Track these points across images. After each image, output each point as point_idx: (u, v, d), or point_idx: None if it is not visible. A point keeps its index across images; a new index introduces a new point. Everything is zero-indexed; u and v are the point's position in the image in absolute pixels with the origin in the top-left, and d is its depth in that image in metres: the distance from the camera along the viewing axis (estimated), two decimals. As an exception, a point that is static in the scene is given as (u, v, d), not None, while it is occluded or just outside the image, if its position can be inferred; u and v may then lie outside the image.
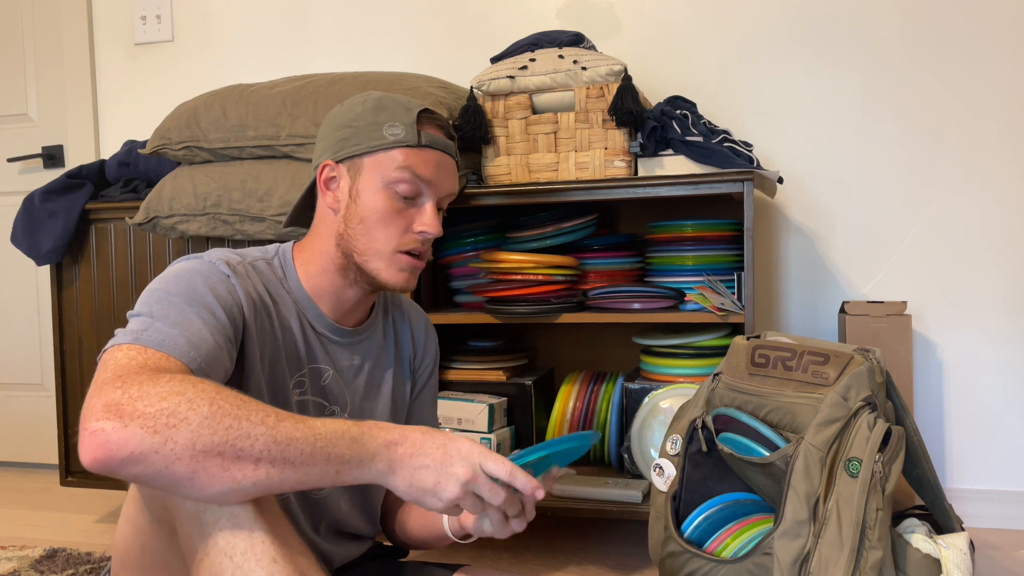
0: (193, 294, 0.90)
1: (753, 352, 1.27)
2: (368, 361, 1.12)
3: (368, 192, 1.01)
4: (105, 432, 0.71)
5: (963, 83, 1.91)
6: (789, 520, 1.09)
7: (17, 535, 1.98)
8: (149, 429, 0.71)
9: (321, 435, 0.78)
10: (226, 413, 0.74)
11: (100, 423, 0.71)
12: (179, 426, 0.72)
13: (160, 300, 0.88)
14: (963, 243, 1.92)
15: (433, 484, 0.81)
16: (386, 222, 1.01)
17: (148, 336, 0.83)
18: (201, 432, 0.72)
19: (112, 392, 0.73)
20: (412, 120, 1.02)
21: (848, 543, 1.05)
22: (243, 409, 0.75)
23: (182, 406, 0.73)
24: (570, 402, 1.82)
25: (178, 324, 0.85)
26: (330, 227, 1.04)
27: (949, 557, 1.11)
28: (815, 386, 1.17)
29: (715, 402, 1.30)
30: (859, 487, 1.07)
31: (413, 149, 1.02)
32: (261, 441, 0.75)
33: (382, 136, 1.01)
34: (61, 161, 2.54)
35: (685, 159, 1.66)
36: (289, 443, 0.76)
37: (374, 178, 1.01)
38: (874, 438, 1.10)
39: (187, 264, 0.95)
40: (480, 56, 2.16)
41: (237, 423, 0.74)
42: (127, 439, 0.71)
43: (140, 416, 0.72)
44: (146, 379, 0.75)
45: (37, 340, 2.59)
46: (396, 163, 1.01)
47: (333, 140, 1.04)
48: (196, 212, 1.80)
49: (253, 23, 2.39)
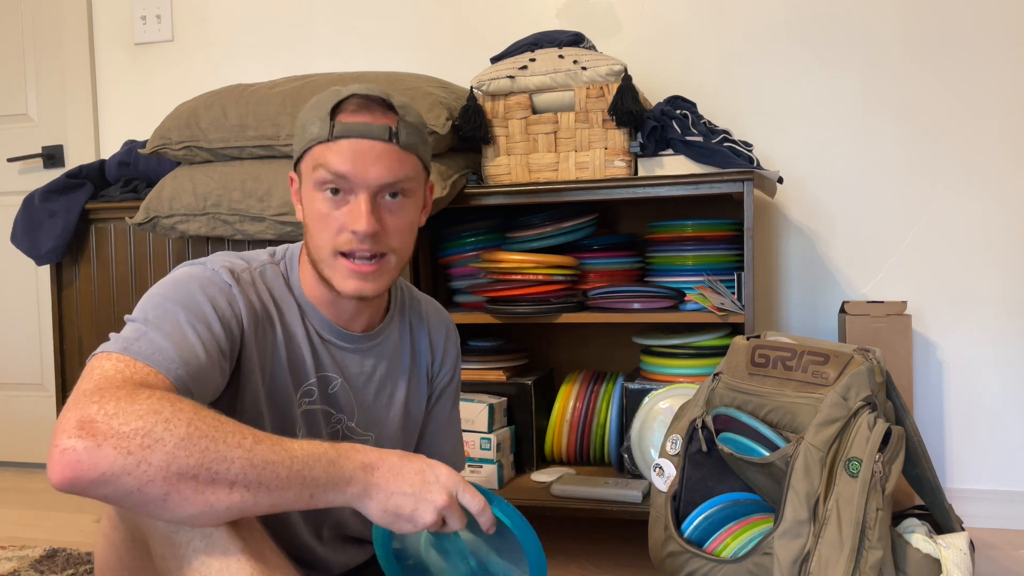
0: (190, 304, 0.88)
1: (753, 352, 1.27)
2: (380, 368, 1.07)
3: (307, 195, 0.98)
4: (76, 451, 0.68)
5: (963, 83, 1.91)
6: (789, 520, 1.09)
7: (17, 535, 1.98)
8: (122, 450, 0.69)
9: (298, 458, 0.76)
10: (203, 435, 0.72)
11: (71, 441, 0.68)
12: (154, 447, 0.70)
13: (157, 307, 0.87)
14: (963, 243, 1.92)
15: (411, 511, 0.81)
16: (320, 224, 0.96)
17: (138, 347, 0.81)
18: (177, 454, 0.70)
19: (88, 407, 0.71)
20: (326, 113, 0.95)
21: (848, 543, 1.05)
22: (220, 431, 0.73)
23: (158, 426, 0.71)
24: (570, 402, 1.82)
25: (171, 336, 0.84)
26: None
27: (949, 557, 1.11)
28: (815, 386, 1.17)
29: (715, 402, 1.30)
30: (859, 487, 1.07)
31: (325, 144, 0.95)
32: (237, 464, 0.73)
33: (303, 137, 0.97)
34: (61, 161, 2.54)
35: (685, 159, 1.66)
36: (265, 466, 0.74)
37: (308, 181, 0.97)
38: (874, 438, 1.10)
39: (189, 270, 0.93)
40: (480, 56, 2.16)
41: (214, 445, 0.72)
42: (98, 460, 0.68)
43: (114, 436, 0.69)
44: (124, 395, 0.73)
45: (37, 340, 2.59)
46: (313, 162, 0.96)
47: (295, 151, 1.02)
48: (196, 212, 1.80)
49: (253, 23, 2.39)
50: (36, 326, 2.59)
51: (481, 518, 0.84)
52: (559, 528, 1.90)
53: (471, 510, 0.83)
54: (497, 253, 1.75)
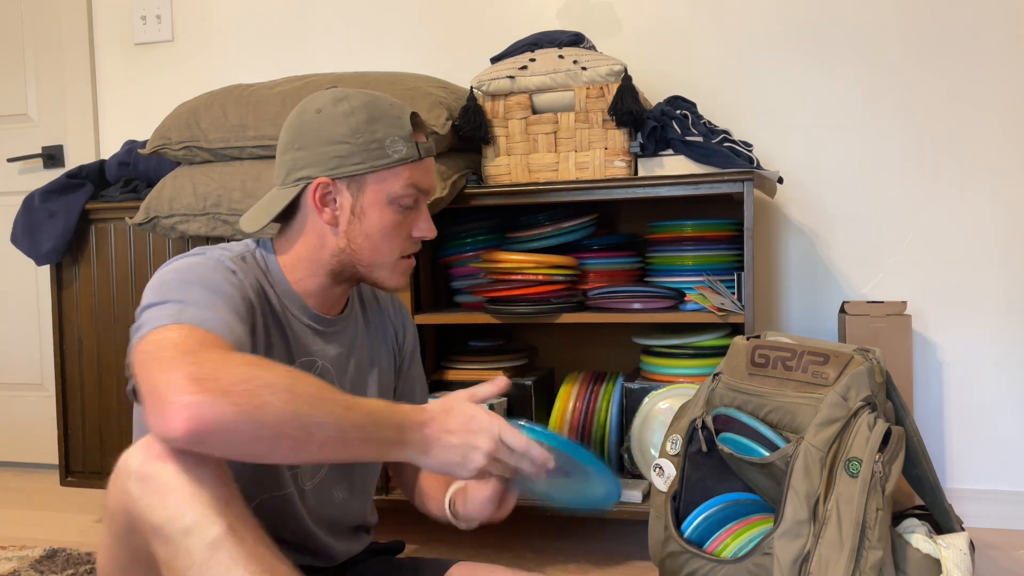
0: (210, 283, 0.91)
1: (753, 352, 1.27)
2: (355, 347, 1.13)
3: (374, 210, 1.02)
4: (199, 405, 0.74)
5: (963, 83, 1.91)
6: (789, 520, 1.09)
7: (17, 535, 1.98)
8: (238, 407, 0.75)
9: (374, 422, 0.83)
10: (303, 400, 0.78)
11: (193, 396, 0.74)
12: (264, 407, 0.76)
13: (181, 288, 0.88)
14: (963, 243, 1.92)
15: (461, 458, 0.87)
16: (391, 236, 1.03)
17: (189, 316, 0.84)
18: (283, 417, 0.77)
19: (190, 367, 0.75)
20: (409, 132, 1.02)
21: (848, 543, 1.05)
22: (317, 397, 0.80)
23: (263, 390, 0.76)
24: (570, 402, 1.82)
25: (209, 308, 0.86)
26: (324, 240, 1.03)
27: (949, 557, 1.11)
28: (815, 386, 1.17)
29: (715, 402, 1.30)
30: (859, 487, 1.07)
31: (415, 163, 1.03)
32: (330, 428, 0.79)
33: (386, 155, 1.01)
34: (61, 161, 2.54)
35: (685, 159, 1.66)
36: (351, 430, 0.81)
37: (379, 196, 1.02)
38: (874, 438, 1.10)
39: (194, 259, 0.95)
40: (480, 56, 2.16)
41: (311, 411, 0.78)
42: (220, 414, 0.74)
43: (229, 394, 0.75)
44: (218, 357, 0.78)
45: (37, 340, 2.59)
46: (402, 181, 1.02)
47: (325, 156, 1.01)
48: (196, 212, 1.80)
49: (253, 23, 2.39)
50: (36, 326, 2.59)
51: (530, 453, 0.89)
52: (559, 528, 1.90)
53: (516, 448, 0.89)
54: (497, 253, 1.75)
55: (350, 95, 1.02)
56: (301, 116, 1.03)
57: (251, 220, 1.05)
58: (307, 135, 1.02)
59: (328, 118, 1.01)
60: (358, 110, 1.01)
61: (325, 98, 1.03)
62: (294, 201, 1.04)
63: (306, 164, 1.02)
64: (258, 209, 1.07)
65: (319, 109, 1.02)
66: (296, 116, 1.04)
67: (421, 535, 1.86)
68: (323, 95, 1.04)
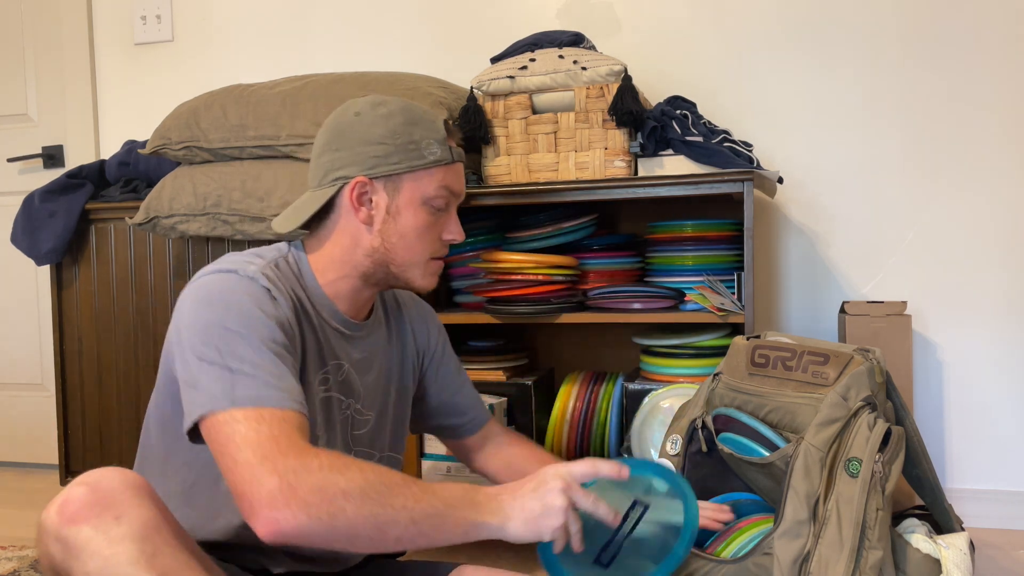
0: (252, 324, 0.91)
1: (753, 352, 1.27)
2: (378, 352, 1.15)
3: (408, 210, 1.05)
4: (281, 521, 0.80)
5: (963, 83, 1.91)
6: (789, 520, 1.09)
7: (17, 535, 1.98)
8: (316, 519, 0.80)
9: (448, 504, 0.87)
10: (375, 502, 0.83)
11: (275, 512, 0.80)
12: (339, 515, 0.81)
13: (225, 341, 0.89)
14: (963, 243, 1.92)
15: (540, 518, 0.89)
16: (424, 236, 1.06)
17: (246, 395, 0.86)
18: (356, 522, 0.82)
19: (270, 478, 0.81)
20: (444, 136, 1.06)
21: (848, 543, 1.05)
22: (388, 496, 0.84)
23: (338, 498, 0.81)
24: (570, 402, 1.82)
25: (259, 368, 0.88)
26: (358, 240, 1.06)
27: (949, 557, 1.11)
28: (815, 386, 1.17)
29: (715, 402, 1.30)
30: (859, 487, 1.07)
31: (449, 166, 1.07)
32: (402, 525, 0.84)
33: (422, 155, 1.04)
34: (61, 161, 2.54)
35: (685, 159, 1.66)
36: (424, 520, 0.85)
37: (414, 196, 1.05)
38: (874, 438, 1.10)
39: (226, 283, 0.95)
40: (480, 56, 2.16)
41: (383, 511, 0.83)
42: (300, 526, 0.80)
43: (307, 506, 0.80)
44: (296, 465, 0.82)
45: (37, 340, 2.59)
46: (436, 182, 1.05)
47: (363, 156, 1.03)
48: (196, 212, 1.80)
49: (253, 23, 2.39)
50: (36, 326, 2.59)
51: (598, 513, 0.93)
52: (559, 528, 1.90)
53: (585, 509, 0.93)
54: (497, 253, 1.75)
55: (387, 100, 1.06)
56: (339, 119, 1.06)
57: (284, 221, 1.07)
58: (346, 136, 1.04)
59: (367, 120, 1.04)
60: (396, 113, 1.04)
61: (363, 102, 1.06)
62: (329, 202, 1.06)
63: (344, 164, 1.04)
64: (292, 210, 1.09)
65: (358, 112, 1.05)
66: (334, 119, 1.07)
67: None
68: (361, 100, 1.07)
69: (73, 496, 0.83)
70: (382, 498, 0.84)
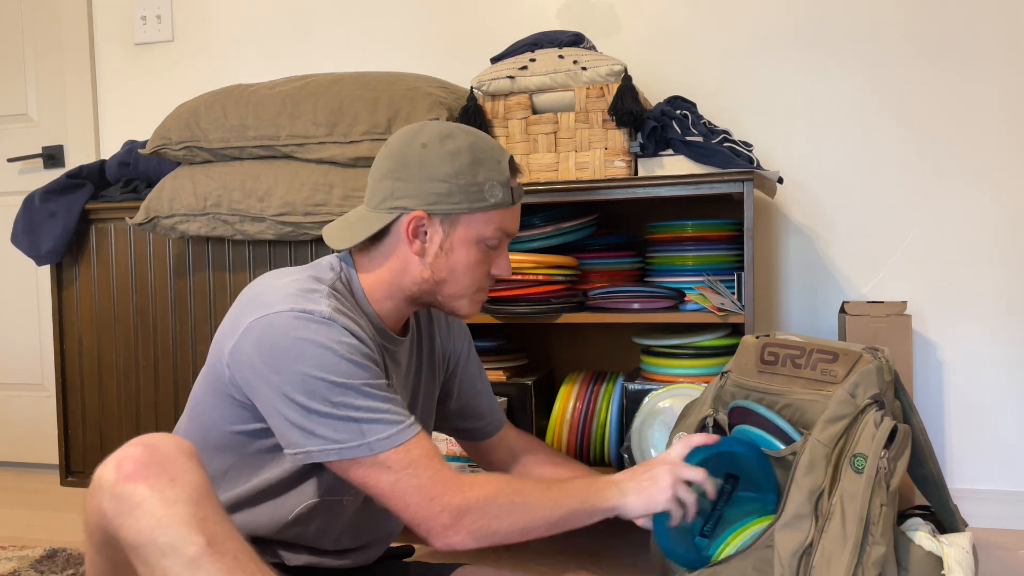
0: (351, 373, 0.95)
1: (763, 350, 1.27)
2: (413, 361, 1.19)
3: (462, 247, 1.06)
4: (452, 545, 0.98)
5: (963, 82, 1.91)
6: (790, 514, 1.09)
7: (17, 535, 1.98)
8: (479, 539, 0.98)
9: (581, 500, 1.03)
10: (524, 518, 1.00)
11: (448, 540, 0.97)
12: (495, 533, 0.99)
13: (333, 393, 0.94)
14: (963, 243, 1.92)
15: (653, 493, 1.05)
16: (473, 272, 1.08)
17: (379, 441, 0.95)
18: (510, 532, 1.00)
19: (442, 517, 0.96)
20: (507, 178, 1.06)
21: (852, 538, 1.05)
22: (530, 511, 1.00)
23: (493, 521, 0.98)
24: (570, 402, 1.82)
25: (375, 412, 0.95)
26: (408, 268, 1.07)
27: (951, 555, 1.11)
28: (824, 383, 1.18)
29: (724, 399, 1.30)
30: (864, 483, 1.07)
31: (507, 208, 1.08)
32: (543, 527, 1.01)
33: (483, 198, 1.04)
34: (61, 161, 2.54)
35: (685, 159, 1.66)
36: (560, 520, 1.02)
37: (469, 235, 1.06)
38: (880, 435, 1.10)
39: (309, 330, 0.96)
40: (480, 56, 2.16)
41: (528, 523, 1.00)
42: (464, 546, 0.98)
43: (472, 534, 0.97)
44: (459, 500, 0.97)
45: (37, 340, 2.59)
46: (494, 225, 1.07)
47: (424, 191, 1.03)
48: (196, 212, 1.80)
49: (253, 23, 2.39)
50: (36, 326, 2.59)
51: (705, 487, 1.10)
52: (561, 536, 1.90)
53: (695, 480, 1.08)
54: (497, 253, 1.75)
55: (455, 133, 1.05)
56: (406, 148, 1.05)
57: (339, 238, 1.08)
58: (410, 167, 1.04)
59: (434, 155, 1.03)
60: (463, 151, 1.04)
61: (432, 132, 1.05)
62: (385, 227, 1.07)
63: (405, 195, 1.04)
64: (346, 226, 1.09)
65: (425, 144, 1.04)
66: (401, 146, 1.06)
67: (421, 535, 1.86)
68: (430, 129, 1.06)
69: (131, 455, 0.84)
70: (527, 513, 1.00)
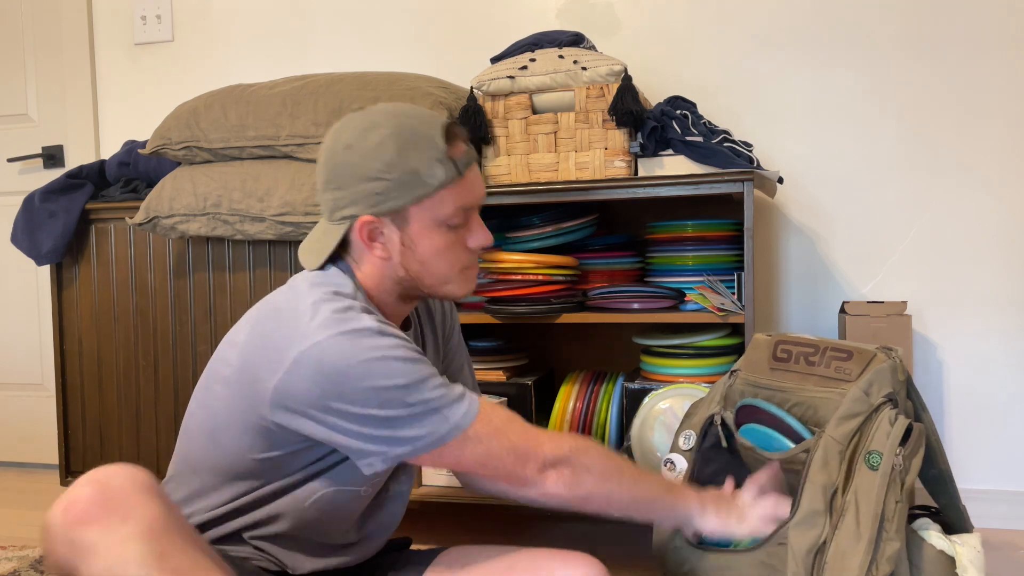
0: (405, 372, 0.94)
1: (775, 347, 1.27)
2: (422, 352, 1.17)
3: (424, 238, 1.01)
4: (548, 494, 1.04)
5: (963, 82, 1.91)
6: (805, 510, 1.10)
7: (17, 535, 1.98)
8: (570, 490, 1.04)
9: (664, 491, 1.11)
10: (610, 481, 1.06)
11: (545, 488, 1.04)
12: (582, 488, 1.04)
13: (406, 394, 0.94)
14: (963, 243, 1.92)
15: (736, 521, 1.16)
16: (446, 255, 1.03)
17: (461, 417, 0.96)
18: (593, 493, 1.05)
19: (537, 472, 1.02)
20: (444, 151, 0.99)
21: (866, 534, 1.05)
22: (618, 477, 1.07)
23: (584, 476, 1.04)
24: (570, 402, 1.82)
25: (444, 396, 0.96)
26: (383, 270, 1.04)
27: (964, 554, 1.11)
28: (837, 381, 1.18)
29: (733, 398, 1.31)
30: (879, 479, 1.07)
31: (457, 183, 1.00)
32: (624, 499, 1.08)
33: (424, 183, 0.98)
34: (61, 161, 2.54)
35: (685, 159, 1.66)
36: (642, 499, 1.10)
37: (425, 223, 1.01)
38: (895, 432, 1.10)
39: (369, 350, 0.93)
40: (480, 56, 2.16)
41: (610, 484, 1.06)
42: (558, 496, 1.04)
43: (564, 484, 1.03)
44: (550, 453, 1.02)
45: (37, 340, 2.59)
46: (449, 204, 1.00)
47: (363, 193, 0.98)
48: (196, 212, 1.80)
49: (253, 23, 2.39)
50: (36, 326, 2.59)
51: None
52: (561, 525, 1.90)
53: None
54: (497, 253, 1.75)
55: (377, 121, 0.99)
56: (333, 154, 1.00)
57: (311, 256, 1.05)
58: (342, 174, 0.99)
59: (359, 154, 0.98)
60: (388, 140, 0.97)
61: (354, 129, 0.99)
62: (344, 237, 1.03)
63: (347, 203, 1.00)
64: (316, 241, 1.06)
65: (349, 145, 0.98)
66: (329, 153, 1.01)
67: (425, 533, 1.86)
68: (352, 124, 1.00)
69: (79, 496, 0.81)
70: (613, 476, 1.06)
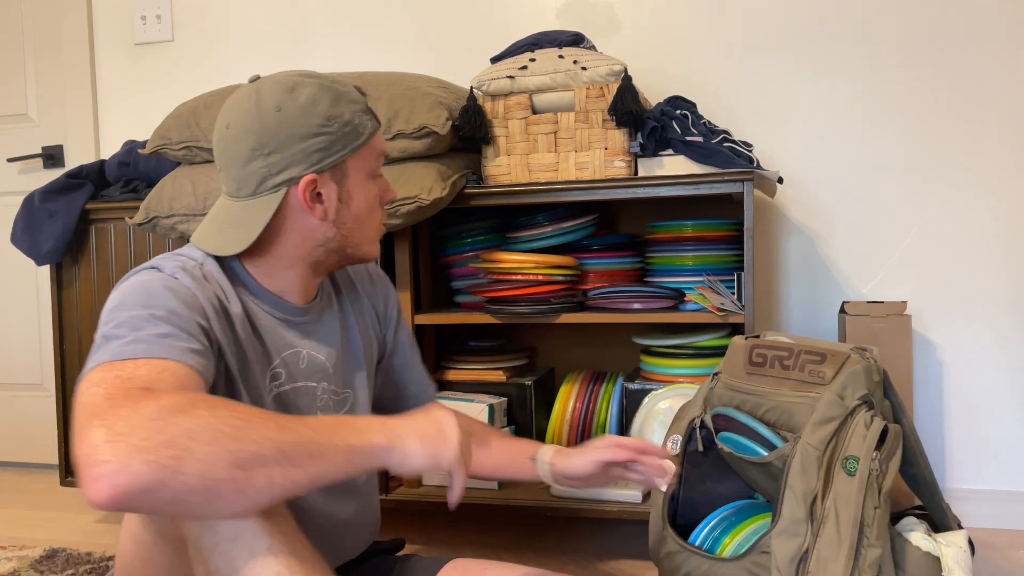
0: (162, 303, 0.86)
1: (751, 351, 1.27)
2: (335, 328, 1.10)
3: (359, 191, 1.02)
4: (111, 475, 0.66)
5: (963, 82, 1.91)
6: (786, 519, 1.09)
7: (17, 535, 1.98)
8: (153, 464, 0.67)
9: (327, 431, 0.77)
10: (230, 437, 0.71)
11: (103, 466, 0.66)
12: (183, 457, 0.68)
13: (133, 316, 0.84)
14: (963, 243, 1.92)
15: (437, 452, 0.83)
16: (373, 210, 1.05)
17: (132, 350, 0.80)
18: (210, 462, 0.69)
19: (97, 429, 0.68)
20: (364, 102, 1.02)
21: (847, 541, 1.05)
22: (245, 430, 0.72)
23: (182, 438, 0.69)
24: (570, 402, 1.82)
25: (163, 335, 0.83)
26: (308, 237, 1.00)
27: (949, 554, 1.11)
28: (812, 385, 1.18)
29: (713, 401, 1.30)
30: (856, 485, 1.07)
31: (377, 133, 1.04)
32: (271, 460, 0.72)
33: (359, 133, 1.00)
34: (61, 161, 2.54)
35: (685, 159, 1.66)
36: (295, 449, 0.74)
37: (360, 174, 1.02)
38: (871, 436, 1.10)
39: (147, 277, 0.90)
40: (480, 56, 2.16)
41: (241, 446, 0.71)
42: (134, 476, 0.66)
43: (141, 451, 0.67)
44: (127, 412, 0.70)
45: (37, 340, 2.59)
46: (374, 153, 1.03)
47: (305, 151, 0.96)
48: (196, 212, 1.80)
49: (253, 23, 2.39)
50: (36, 326, 2.59)
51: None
52: (560, 528, 1.90)
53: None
54: (497, 253, 1.75)
55: (298, 82, 0.98)
56: (259, 120, 0.96)
57: (227, 243, 0.98)
58: (277, 136, 0.96)
59: (293, 113, 0.96)
60: (320, 96, 0.97)
61: (275, 93, 0.97)
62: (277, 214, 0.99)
63: (285, 166, 0.96)
64: (228, 227, 0.99)
65: (278, 107, 0.96)
66: (250, 121, 0.96)
67: (422, 535, 1.86)
68: (268, 90, 0.97)
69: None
70: (238, 432, 0.71)
